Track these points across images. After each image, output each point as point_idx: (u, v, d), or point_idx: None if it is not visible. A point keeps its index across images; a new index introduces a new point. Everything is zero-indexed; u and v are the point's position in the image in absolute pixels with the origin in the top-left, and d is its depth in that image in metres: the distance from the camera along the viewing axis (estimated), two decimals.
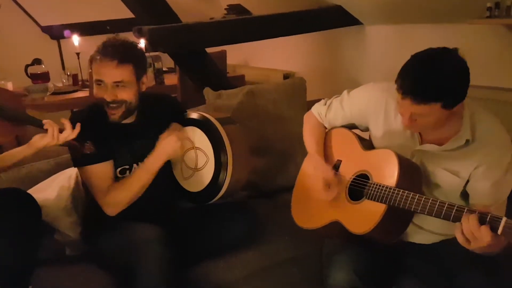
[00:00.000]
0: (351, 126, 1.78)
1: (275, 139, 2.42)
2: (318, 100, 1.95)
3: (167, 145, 1.77)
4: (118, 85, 1.69)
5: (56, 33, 5.16)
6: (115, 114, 1.72)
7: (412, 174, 1.50)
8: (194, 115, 1.88)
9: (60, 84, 4.19)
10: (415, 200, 1.38)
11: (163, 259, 1.60)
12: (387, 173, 1.48)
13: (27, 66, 4.04)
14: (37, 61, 4.05)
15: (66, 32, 4.87)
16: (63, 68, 4.92)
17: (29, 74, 4.03)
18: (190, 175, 1.87)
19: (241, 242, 1.89)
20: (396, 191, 1.42)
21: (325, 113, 1.81)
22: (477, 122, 1.47)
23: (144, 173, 1.76)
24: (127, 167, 1.80)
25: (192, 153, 1.84)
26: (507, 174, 1.45)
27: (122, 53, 1.68)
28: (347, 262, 1.52)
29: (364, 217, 1.50)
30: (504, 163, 1.44)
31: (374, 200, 1.48)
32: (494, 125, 1.48)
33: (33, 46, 4.91)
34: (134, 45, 1.78)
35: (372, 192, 1.49)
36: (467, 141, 1.45)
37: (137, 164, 1.81)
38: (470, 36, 2.73)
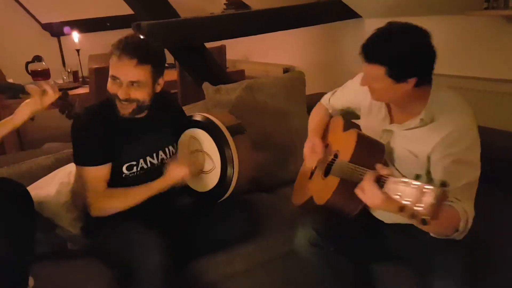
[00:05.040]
0: (351, 113, 1.89)
1: (275, 133, 2.42)
2: (318, 94, 2.01)
3: (176, 174, 1.77)
4: (133, 84, 1.67)
5: (56, 30, 5.17)
6: (125, 110, 1.72)
7: (370, 150, 1.57)
8: (207, 120, 1.85)
9: (60, 81, 4.20)
10: (351, 170, 1.47)
11: (162, 268, 1.60)
12: (347, 149, 1.59)
13: (27, 63, 4.05)
14: (37, 58, 4.06)
15: (66, 29, 4.88)
16: (64, 65, 4.93)
17: (29, 71, 4.04)
18: (195, 175, 1.89)
19: (241, 236, 1.90)
20: (346, 165, 1.52)
21: (329, 97, 1.97)
22: (441, 105, 1.51)
23: (145, 192, 1.76)
24: (134, 163, 1.80)
25: (200, 155, 1.84)
26: (469, 154, 1.46)
27: (143, 53, 1.65)
28: (308, 222, 1.66)
29: (325, 190, 1.60)
30: (464, 143, 1.45)
31: (334, 175, 1.60)
32: (458, 107, 1.51)
33: (33, 43, 4.93)
34: (156, 46, 1.75)
35: (334, 168, 1.62)
36: (421, 120, 1.51)
37: (144, 160, 1.81)
38: (468, 27, 2.72)
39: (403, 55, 1.41)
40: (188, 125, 1.93)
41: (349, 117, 1.86)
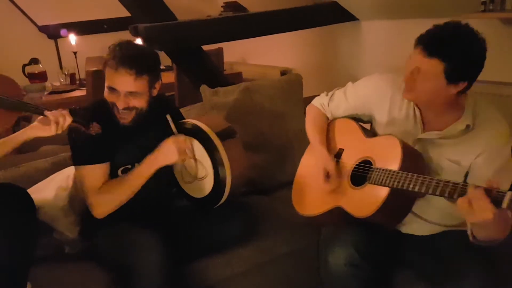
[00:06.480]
0: (353, 117, 1.80)
1: (272, 135, 2.42)
2: (315, 96, 1.97)
3: (166, 152, 1.75)
4: (131, 94, 1.67)
5: (53, 33, 5.15)
6: (125, 119, 1.71)
7: (415, 159, 1.51)
8: (195, 127, 1.83)
9: (57, 84, 4.19)
10: (419, 180, 1.37)
11: (160, 269, 1.60)
12: (390, 157, 1.49)
13: (24, 65, 4.05)
14: (34, 61, 4.06)
15: (63, 31, 4.87)
16: (61, 67, 4.92)
17: (26, 74, 4.04)
18: (190, 181, 1.88)
19: (239, 238, 1.90)
20: (399, 174, 1.43)
21: (327, 103, 1.84)
22: (478, 111, 1.49)
23: (137, 176, 1.75)
24: (129, 166, 1.79)
25: (192, 162, 1.83)
26: (509, 163, 1.45)
27: (141, 65, 1.64)
28: (347, 239, 1.54)
29: (367, 201, 1.51)
30: (506, 152, 1.45)
31: (377, 184, 1.49)
32: (495, 115, 1.50)
33: (30, 45, 4.90)
34: (151, 53, 1.75)
35: (375, 176, 1.51)
36: (468, 126, 1.46)
37: (139, 163, 1.80)
38: None
39: (467, 55, 1.38)
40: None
41: None
